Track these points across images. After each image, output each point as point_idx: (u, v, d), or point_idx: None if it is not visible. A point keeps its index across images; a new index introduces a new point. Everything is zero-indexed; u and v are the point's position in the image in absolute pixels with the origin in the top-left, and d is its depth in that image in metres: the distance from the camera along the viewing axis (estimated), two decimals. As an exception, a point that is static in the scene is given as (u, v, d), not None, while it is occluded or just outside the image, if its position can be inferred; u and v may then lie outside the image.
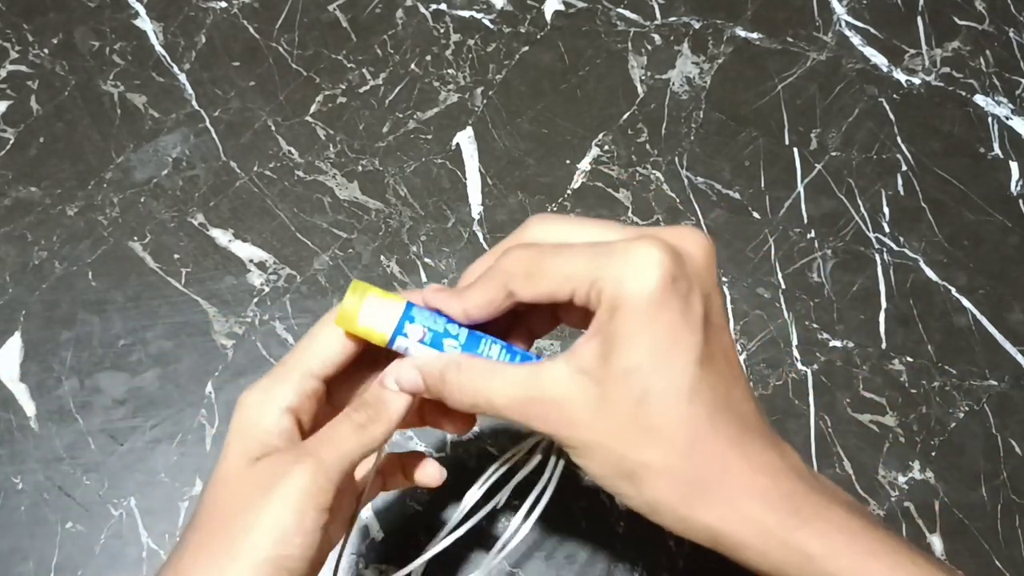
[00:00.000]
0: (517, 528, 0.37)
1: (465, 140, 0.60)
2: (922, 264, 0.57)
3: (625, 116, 0.61)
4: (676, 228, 0.30)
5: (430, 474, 0.38)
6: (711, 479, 0.29)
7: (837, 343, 0.55)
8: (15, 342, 0.53)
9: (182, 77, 0.61)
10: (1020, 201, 0.60)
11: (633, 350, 0.28)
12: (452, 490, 0.50)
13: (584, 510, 0.49)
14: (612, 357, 0.29)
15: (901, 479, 0.52)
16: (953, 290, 0.57)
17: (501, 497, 0.39)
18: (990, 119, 0.62)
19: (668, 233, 0.30)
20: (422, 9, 0.64)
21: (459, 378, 0.32)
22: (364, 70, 0.62)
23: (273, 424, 0.32)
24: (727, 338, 0.31)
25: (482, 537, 0.48)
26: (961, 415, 0.53)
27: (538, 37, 0.64)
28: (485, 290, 0.31)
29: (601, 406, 0.29)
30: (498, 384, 0.31)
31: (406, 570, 0.38)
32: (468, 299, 0.32)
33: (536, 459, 0.36)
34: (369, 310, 0.32)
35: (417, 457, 0.39)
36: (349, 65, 0.62)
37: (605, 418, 0.29)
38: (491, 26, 0.64)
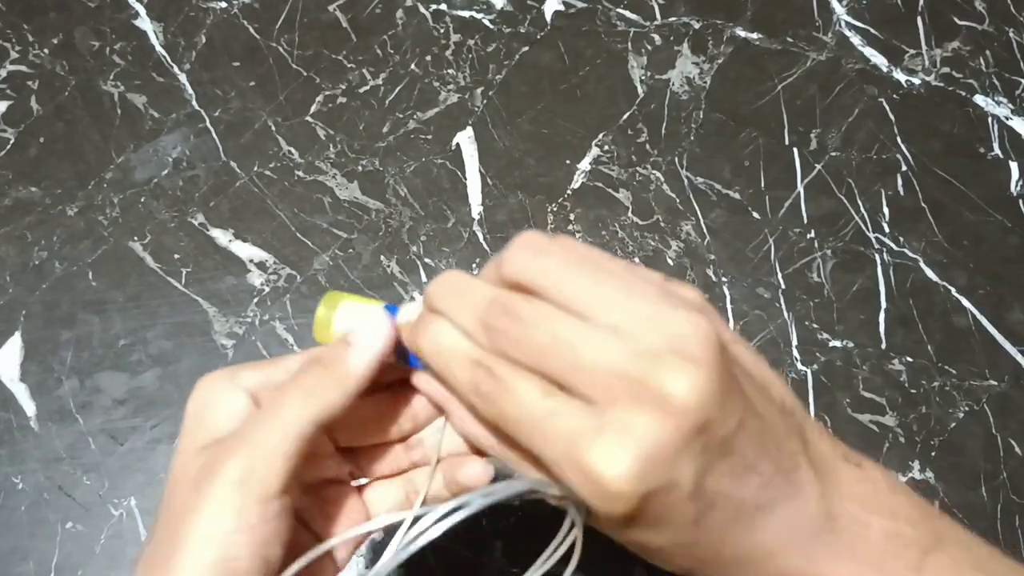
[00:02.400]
0: None
1: (465, 140, 0.60)
2: (922, 264, 0.57)
3: (625, 116, 0.61)
4: (675, 352, 0.26)
5: (474, 473, 0.32)
6: (711, 530, 0.28)
7: (837, 343, 0.55)
8: (15, 342, 0.53)
9: (182, 77, 0.61)
10: (1020, 201, 0.60)
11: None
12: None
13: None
14: None
15: (901, 479, 0.52)
16: (953, 290, 0.57)
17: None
18: (990, 119, 0.62)
19: (666, 376, 0.25)
20: (422, 9, 0.64)
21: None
22: (364, 70, 0.62)
23: (227, 407, 0.29)
24: (751, 389, 0.29)
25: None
26: (961, 415, 0.53)
27: (538, 37, 0.64)
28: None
29: None
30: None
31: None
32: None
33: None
34: (344, 316, 0.29)
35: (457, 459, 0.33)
36: (349, 65, 0.62)
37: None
38: (491, 26, 0.64)
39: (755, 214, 0.59)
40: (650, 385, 0.25)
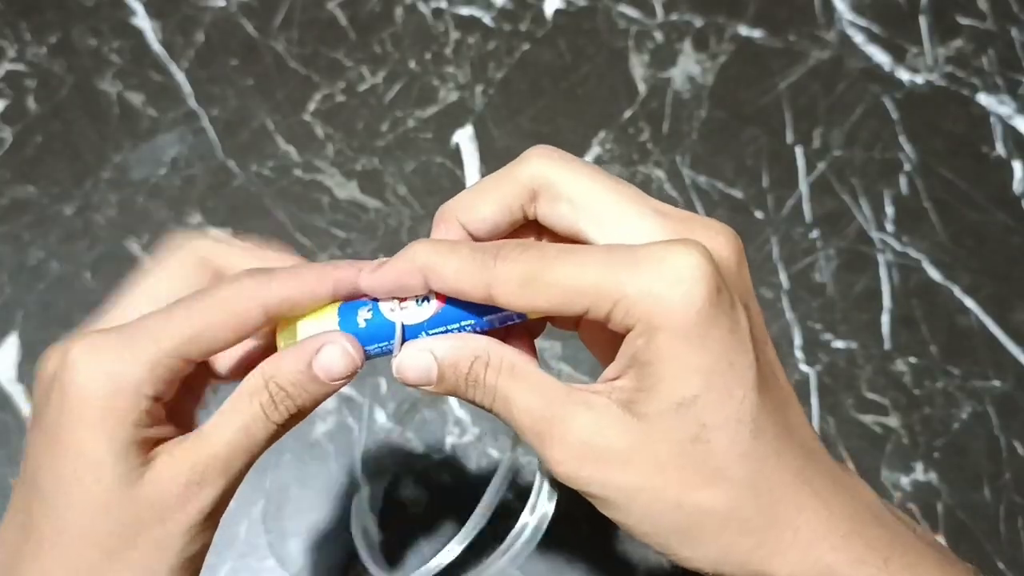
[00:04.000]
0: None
1: (465, 139, 0.60)
2: (925, 264, 0.57)
3: (626, 115, 0.61)
4: (705, 224, 0.26)
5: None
6: (784, 523, 0.25)
7: (840, 343, 0.55)
8: (12, 342, 0.53)
9: (180, 76, 0.61)
10: (1023, 200, 0.59)
11: (684, 380, 0.24)
12: (454, 493, 0.50)
13: (584, 510, 0.49)
14: (659, 389, 0.24)
15: (904, 480, 0.51)
16: (956, 290, 0.56)
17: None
18: (993, 118, 0.62)
19: (701, 232, 0.26)
20: (421, 7, 0.64)
21: (486, 374, 0.26)
22: (363, 68, 0.62)
23: (142, 414, 0.25)
24: (772, 353, 0.27)
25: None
26: (964, 416, 0.53)
27: (538, 35, 0.64)
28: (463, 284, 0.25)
29: (647, 446, 0.24)
30: (524, 392, 0.26)
31: None
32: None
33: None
34: (306, 333, 0.27)
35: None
36: (348, 63, 0.62)
37: (653, 458, 0.24)
38: (491, 24, 0.64)
39: (757, 213, 0.58)
40: (693, 233, 0.26)
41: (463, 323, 0.27)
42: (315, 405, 0.27)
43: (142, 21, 0.63)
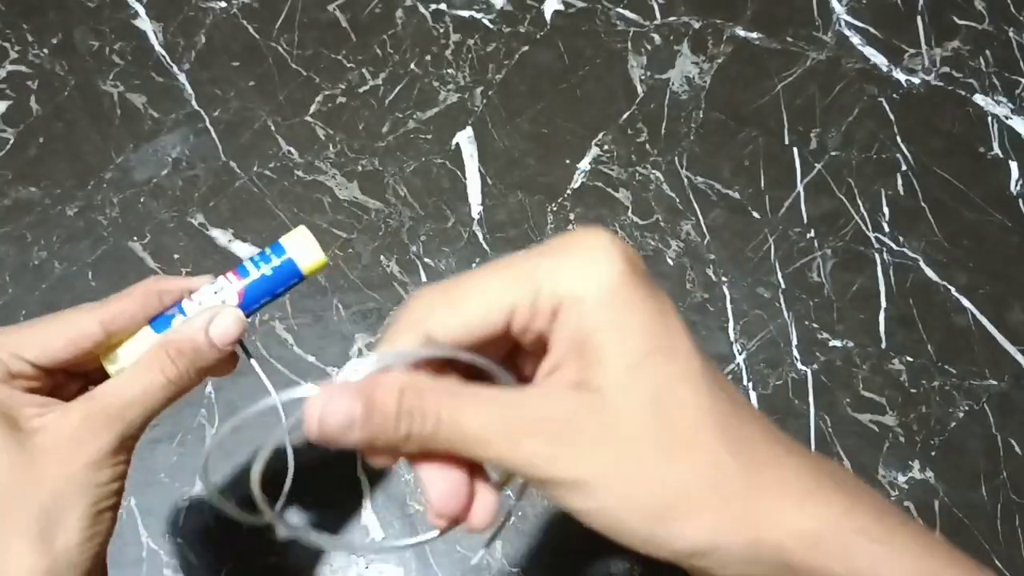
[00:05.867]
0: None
1: (465, 140, 0.60)
2: (922, 264, 0.57)
3: (625, 116, 0.61)
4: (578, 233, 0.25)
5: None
6: (769, 482, 0.23)
7: (837, 343, 0.55)
8: (15, 342, 0.53)
9: (182, 77, 0.61)
10: (1020, 201, 0.60)
11: (627, 341, 0.23)
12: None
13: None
14: (605, 358, 0.23)
15: (901, 479, 0.51)
16: (953, 290, 0.57)
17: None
18: (990, 118, 0.62)
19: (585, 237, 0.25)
20: (422, 9, 0.64)
21: (422, 403, 0.23)
22: (364, 70, 0.62)
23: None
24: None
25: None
26: (961, 415, 0.53)
27: (538, 37, 0.64)
28: (396, 338, 0.25)
29: (613, 417, 0.23)
30: (472, 406, 0.23)
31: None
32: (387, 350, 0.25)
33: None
34: (127, 357, 0.32)
35: None
36: (349, 65, 0.62)
37: (623, 431, 0.23)
38: (491, 26, 0.64)
39: (755, 214, 0.59)
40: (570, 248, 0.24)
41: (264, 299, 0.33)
42: (208, 371, 0.32)
43: (144, 22, 0.63)
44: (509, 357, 0.27)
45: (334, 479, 0.50)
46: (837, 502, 0.23)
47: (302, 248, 0.33)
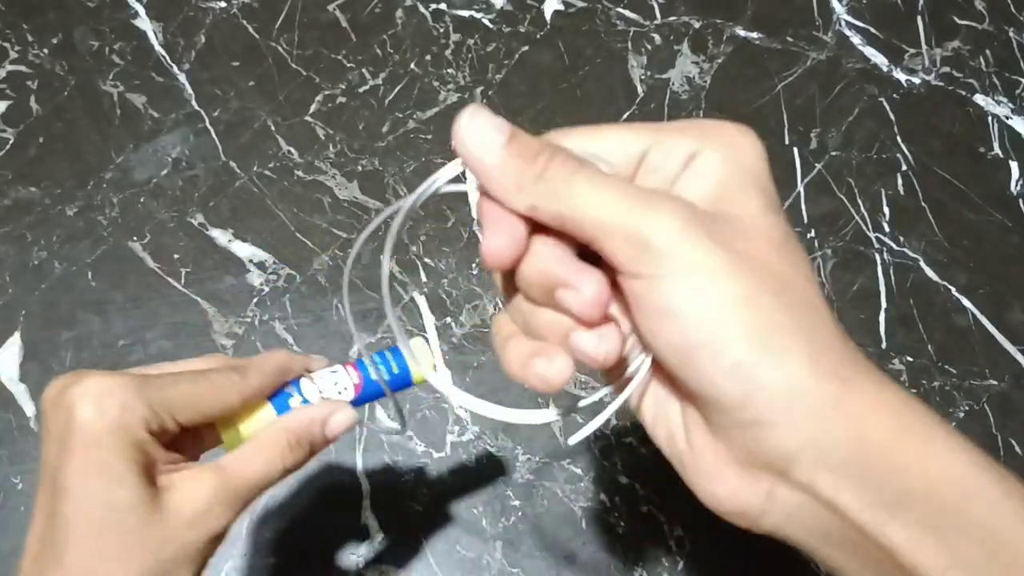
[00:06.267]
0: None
1: (465, 140, 0.60)
2: (922, 264, 0.57)
3: (625, 116, 0.61)
4: (726, 125, 0.26)
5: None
6: (834, 334, 0.24)
7: (837, 343, 0.55)
8: (15, 342, 0.53)
9: (182, 77, 0.61)
10: (1020, 201, 0.60)
11: (767, 196, 0.24)
12: (454, 491, 0.50)
13: (585, 510, 0.49)
14: (748, 194, 0.24)
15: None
16: (953, 290, 0.57)
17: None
18: (990, 118, 0.62)
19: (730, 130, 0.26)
20: (422, 9, 0.64)
21: (563, 152, 0.25)
22: (364, 70, 0.62)
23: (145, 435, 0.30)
24: None
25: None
26: (961, 415, 0.53)
27: (538, 37, 0.64)
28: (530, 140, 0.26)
29: (749, 231, 0.24)
30: (607, 178, 0.24)
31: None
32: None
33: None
34: (247, 430, 0.33)
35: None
36: (349, 65, 0.62)
37: (748, 253, 0.23)
38: (491, 26, 0.64)
39: (755, 214, 0.59)
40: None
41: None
42: (315, 454, 0.34)
43: (144, 22, 0.63)
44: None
45: (334, 479, 0.50)
46: (861, 361, 0.25)
47: (420, 360, 0.34)
